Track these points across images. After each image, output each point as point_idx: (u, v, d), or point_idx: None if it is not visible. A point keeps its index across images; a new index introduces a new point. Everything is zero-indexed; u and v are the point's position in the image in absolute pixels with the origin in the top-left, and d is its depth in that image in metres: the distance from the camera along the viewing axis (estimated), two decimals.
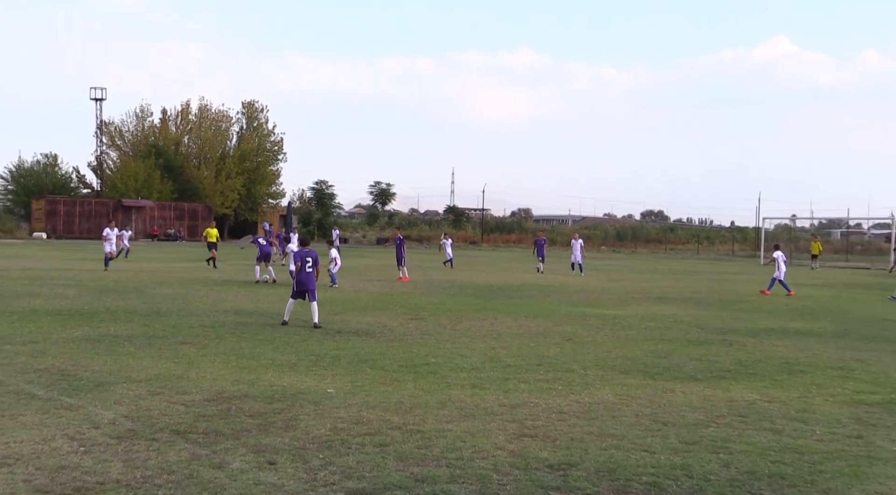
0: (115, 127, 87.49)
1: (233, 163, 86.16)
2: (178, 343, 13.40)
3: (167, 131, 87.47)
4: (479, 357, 12.74)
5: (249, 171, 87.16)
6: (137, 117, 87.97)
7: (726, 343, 15.19)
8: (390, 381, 10.55)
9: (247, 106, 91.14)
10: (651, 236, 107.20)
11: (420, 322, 17.15)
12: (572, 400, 9.70)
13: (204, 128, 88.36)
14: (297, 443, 7.43)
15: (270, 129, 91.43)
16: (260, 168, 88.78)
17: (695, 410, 9.32)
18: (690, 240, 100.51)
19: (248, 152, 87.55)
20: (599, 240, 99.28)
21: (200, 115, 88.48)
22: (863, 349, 14.90)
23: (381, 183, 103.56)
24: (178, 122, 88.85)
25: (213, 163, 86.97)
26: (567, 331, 16.19)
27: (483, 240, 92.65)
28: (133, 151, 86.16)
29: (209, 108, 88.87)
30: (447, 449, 7.38)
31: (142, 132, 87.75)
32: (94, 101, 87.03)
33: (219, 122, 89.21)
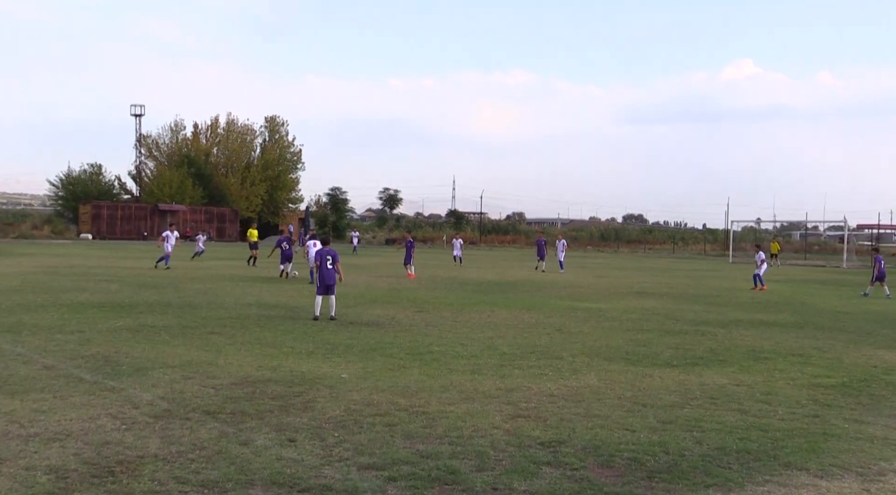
0: (153, 139, 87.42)
1: (256, 171, 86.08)
2: (208, 333, 13.40)
3: (198, 143, 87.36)
4: (478, 346, 12.74)
5: (271, 179, 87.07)
6: (172, 131, 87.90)
7: (699, 333, 15.18)
8: (398, 368, 10.56)
9: (269, 120, 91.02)
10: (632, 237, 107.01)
11: (425, 314, 17.14)
12: (561, 384, 9.71)
13: (231, 141, 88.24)
14: (315, 423, 7.44)
15: (290, 141, 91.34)
16: (281, 176, 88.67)
17: (671, 393, 9.32)
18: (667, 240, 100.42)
19: (270, 162, 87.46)
20: (585, 241, 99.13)
21: (228, 128, 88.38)
22: (819, 338, 14.89)
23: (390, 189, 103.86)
24: (207, 135, 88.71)
25: (239, 171, 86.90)
26: (557, 323, 16.18)
27: (481, 241, 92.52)
28: (168, 161, 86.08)
29: (236, 123, 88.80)
30: (449, 428, 7.38)
31: (176, 144, 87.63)
32: (134, 116, 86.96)
33: (244, 134, 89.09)
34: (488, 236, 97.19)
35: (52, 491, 5.45)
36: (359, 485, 5.70)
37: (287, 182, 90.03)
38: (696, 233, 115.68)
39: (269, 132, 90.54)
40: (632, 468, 6.33)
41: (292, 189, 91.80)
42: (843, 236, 62.40)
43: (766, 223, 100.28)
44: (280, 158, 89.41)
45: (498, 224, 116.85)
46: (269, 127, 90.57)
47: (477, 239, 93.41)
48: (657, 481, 6.01)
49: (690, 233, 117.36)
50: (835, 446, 7.15)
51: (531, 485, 5.83)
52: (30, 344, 11.72)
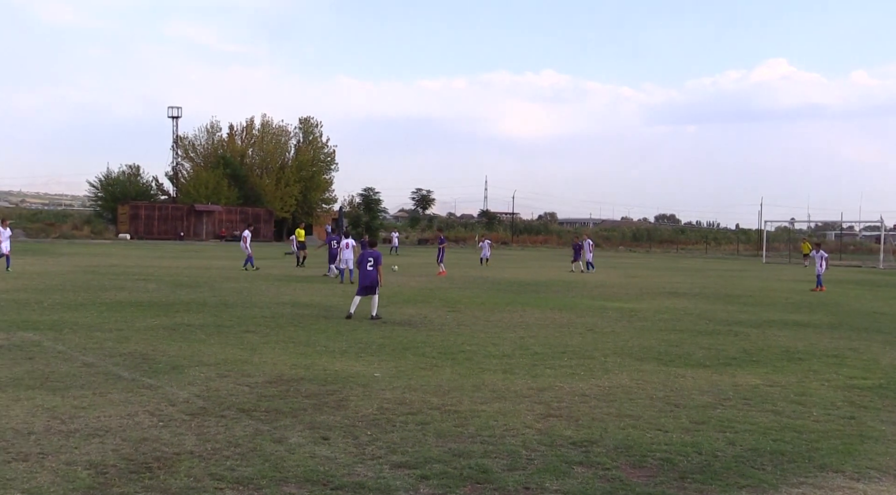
0: (189, 141, 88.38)
1: (291, 172, 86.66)
2: (242, 331, 13.51)
3: (234, 144, 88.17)
4: (510, 345, 12.71)
5: (305, 180, 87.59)
6: (208, 132, 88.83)
7: (732, 333, 15.01)
8: (430, 367, 10.56)
9: (303, 121, 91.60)
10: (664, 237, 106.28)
11: (457, 314, 17.14)
12: (593, 384, 9.65)
13: (266, 142, 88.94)
14: (348, 421, 7.46)
15: (324, 142, 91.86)
16: (314, 176, 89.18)
17: (703, 393, 9.22)
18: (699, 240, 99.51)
19: (304, 163, 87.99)
20: (617, 241, 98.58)
21: (263, 130, 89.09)
22: (855, 339, 14.65)
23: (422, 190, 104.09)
24: (243, 137, 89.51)
25: (274, 172, 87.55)
26: (588, 323, 16.10)
27: (513, 241, 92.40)
28: (204, 162, 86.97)
29: (270, 124, 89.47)
30: (481, 427, 7.37)
31: (212, 145, 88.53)
32: (171, 118, 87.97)
33: (279, 136, 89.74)
34: (520, 236, 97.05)
35: (92, 485, 5.52)
36: (391, 484, 5.71)
37: (321, 182, 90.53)
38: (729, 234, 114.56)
39: (303, 133, 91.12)
40: (664, 468, 6.27)
41: (326, 189, 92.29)
42: (880, 236, 61.37)
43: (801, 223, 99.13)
44: (314, 159, 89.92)
45: (530, 224, 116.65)
46: (303, 128, 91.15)
47: (509, 239, 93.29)
48: (689, 482, 5.95)
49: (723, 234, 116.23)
50: (871, 448, 7.03)
51: (563, 485, 5.80)
52: (70, 341, 11.90)
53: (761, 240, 69.61)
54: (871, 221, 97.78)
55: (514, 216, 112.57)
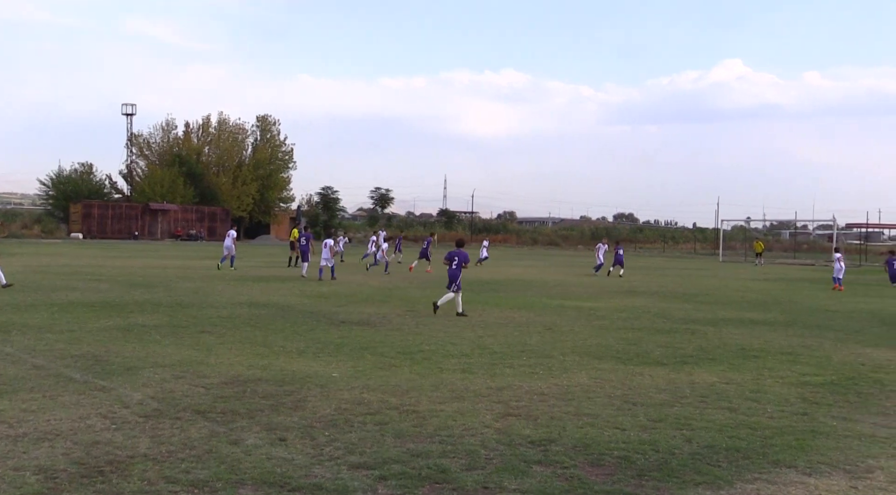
0: (144, 139, 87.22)
1: (248, 170, 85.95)
2: (198, 332, 13.36)
3: (190, 142, 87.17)
4: (469, 344, 12.73)
5: (263, 178, 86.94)
6: (163, 130, 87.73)
7: (689, 331, 15.21)
8: (389, 367, 10.54)
9: (261, 120, 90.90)
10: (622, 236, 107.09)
11: (415, 313, 17.13)
12: (552, 383, 9.71)
13: (222, 140, 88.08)
14: (306, 422, 7.42)
15: (282, 141, 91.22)
16: (272, 175, 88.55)
17: (661, 391, 9.33)
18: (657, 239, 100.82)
19: (261, 161, 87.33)
20: (576, 240, 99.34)
21: (220, 127, 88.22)
22: (808, 336, 14.94)
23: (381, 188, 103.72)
24: (199, 134, 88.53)
25: (231, 170, 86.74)
26: (547, 322, 16.19)
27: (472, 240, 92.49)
28: (159, 160, 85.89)
29: (227, 122, 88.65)
30: (440, 427, 7.37)
31: (167, 143, 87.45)
32: (125, 116, 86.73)
33: (236, 134, 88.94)
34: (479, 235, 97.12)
35: (41, 491, 5.41)
36: (349, 485, 5.68)
37: (278, 181, 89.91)
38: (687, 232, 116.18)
39: (260, 131, 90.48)
40: (622, 466, 6.33)
41: (284, 188, 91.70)
42: (833, 235, 62.66)
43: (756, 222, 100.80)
44: (272, 157, 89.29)
45: (489, 223, 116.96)
46: (260, 126, 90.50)
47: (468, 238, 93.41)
48: (647, 479, 6.02)
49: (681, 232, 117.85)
50: (823, 444, 7.17)
51: (521, 484, 5.82)
52: (19, 343, 11.65)
53: (718, 238, 70.72)
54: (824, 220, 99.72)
55: (473, 215, 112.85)
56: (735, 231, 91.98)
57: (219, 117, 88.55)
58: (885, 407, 8.81)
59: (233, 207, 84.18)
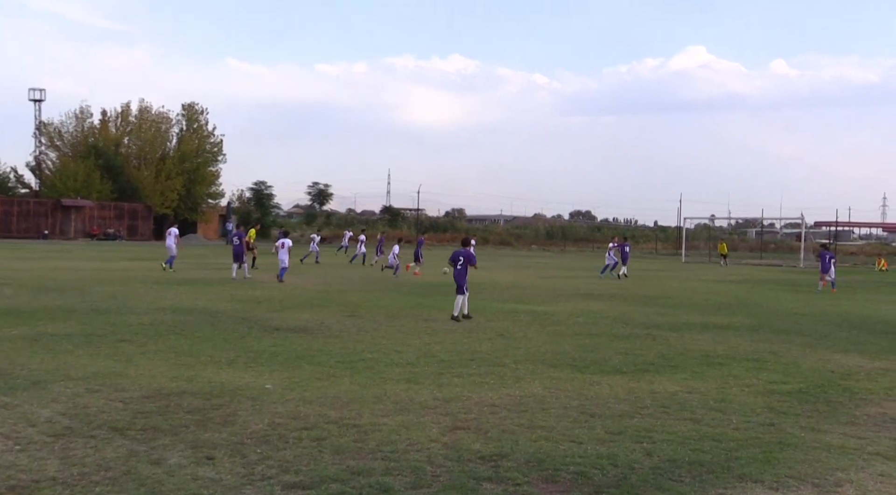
0: (55, 127, 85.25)
1: (173, 163, 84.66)
2: (116, 341, 13.11)
3: (107, 132, 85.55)
4: (414, 352, 12.72)
5: (189, 172, 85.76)
6: (77, 118, 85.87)
7: (650, 337, 15.41)
8: (327, 377, 10.48)
9: (187, 108, 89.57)
10: (579, 235, 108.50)
11: (357, 319, 17.07)
12: (504, 393, 9.74)
13: (144, 130, 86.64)
14: (236, 438, 7.33)
15: (210, 131, 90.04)
16: (199, 169, 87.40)
17: (620, 402, 9.42)
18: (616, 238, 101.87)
19: (187, 153, 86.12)
20: (530, 240, 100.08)
21: (140, 116, 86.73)
22: (775, 341, 15.25)
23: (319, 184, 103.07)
24: (117, 124, 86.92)
25: (153, 163, 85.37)
26: (499, 327, 16.26)
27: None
28: (73, 152, 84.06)
29: (149, 110, 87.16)
30: (382, 442, 7.35)
31: (81, 133, 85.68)
32: (32, 102, 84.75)
33: (159, 123, 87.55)
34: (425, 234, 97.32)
35: None
36: None
37: (206, 175, 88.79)
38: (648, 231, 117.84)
39: (186, 121, 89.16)
40: (578, 483, 6.37)
41: (212, 183, 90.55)
42: (801, 234, 64.12)
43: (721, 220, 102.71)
44: (199, 150, 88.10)
45: (436, 221, 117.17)
46: (186, 115, 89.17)
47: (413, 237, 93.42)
48: None
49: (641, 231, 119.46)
50: (791, 456, 7.32)
51: None
52: None
53: (680, 237, 71.83)
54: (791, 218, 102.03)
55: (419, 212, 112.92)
56: (698, 230, 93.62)
57: (139, 105, 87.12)
58: (855, 417, 9.03)
59: (156, 204, 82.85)
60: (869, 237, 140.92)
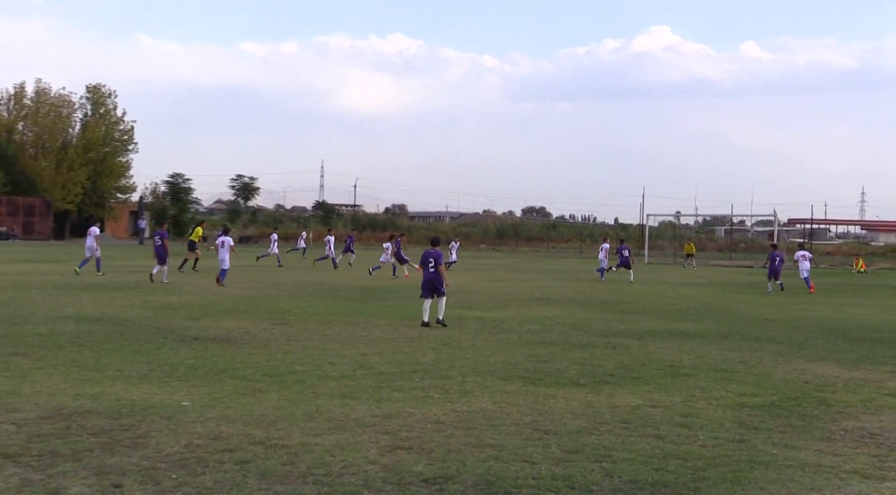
0: None
1: (76, 153, 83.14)
2: (8, 354, 12.85)
3: None
4: (350, 364, 12.69)
5: (95, 163, 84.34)
6: None
7: (610, 346, 15.57)
8: (252, 392, 10.40)
9: (92, 90, 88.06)
10: (532, 234, 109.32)
11: (286, 327, 16.97)
12: (449, 408, 9.76)
13: (42, 114, 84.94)
14: (147, 463, 7.23)
15: (119, 117, 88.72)
16: (107, 159, 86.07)
17: (577, 417, 9.50)
18: (573, 237, 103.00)
19: (93, 141, 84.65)
20: (478, 239, 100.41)
21: (37, 99, 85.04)
22: (746, 350, 15.51)
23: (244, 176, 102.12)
24: (10, 107, 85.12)
25: (53, 153, 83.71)
26: (444, 336, 16.29)
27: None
28: None
29: (48, 92, 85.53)
30: (314, 464, 7.31)
31: None
32: None
33: (59, 107, 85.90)
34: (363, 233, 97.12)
35: None
36: None
37: (115, 167, 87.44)
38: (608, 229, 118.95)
39: (91, 105, 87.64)
40: None
41: (122, 175, 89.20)
42: (773, 232, 65.31)
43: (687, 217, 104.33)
44: (106, 138, 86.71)
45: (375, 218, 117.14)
46: (91, 98, 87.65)
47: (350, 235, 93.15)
48: None
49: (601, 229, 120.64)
50: (762, 475, 7.44)
51: None
52: None
53: (643, 236, 72.61)
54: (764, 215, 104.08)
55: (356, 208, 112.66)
56: (663, 228, 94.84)
57: (36, 86, 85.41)
58: (832, 432, 9.22)
59: (56, 198, 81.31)
60: (846, 236, 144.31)
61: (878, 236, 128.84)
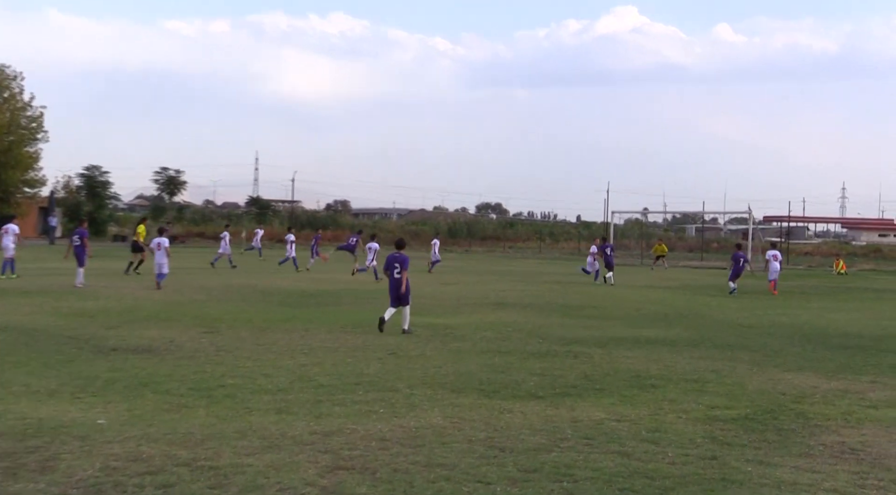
0: None
1: None
2: None
3: None
4: (287, 376, 12.64)
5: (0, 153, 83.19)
6: None
7: (571, 354, 15.65)
8: (178, 408, 10.33)
9: None
10: (488, 232, 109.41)
11: (215, 336, 16.85)
12: (396, 424, 9.75)
13: None
14: (57, 489, 7.15)
15: (26, 102, 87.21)
16: (12, 149, 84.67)
17: (535, 433, 9.54)
18: (532, 236, 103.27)
19: None
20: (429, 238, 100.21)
21: None
22: (718, 358, 15.69)
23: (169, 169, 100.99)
24: None
25: None
26: (391, 344, 16.27)
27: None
28: None
29: None
30: (246, 487, 7.28)
31: None
32: None
33: None
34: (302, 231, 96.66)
35: None
36: None
37: (22, 158, 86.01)
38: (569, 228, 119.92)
39: None
40: None
41: (30, 167, 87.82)
42: (748, 231, 66.03)
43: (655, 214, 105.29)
44: (11, 125, 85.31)
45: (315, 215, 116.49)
46: None
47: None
48: None
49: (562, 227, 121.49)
50: (735, 494, 7.52)
51: None
52: None
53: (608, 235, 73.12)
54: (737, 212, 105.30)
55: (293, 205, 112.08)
56: (629, 226, 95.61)
57: None
58: (810, 447, 9.36)
59: None
60: (826, 234, 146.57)
61: (859, 235, 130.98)
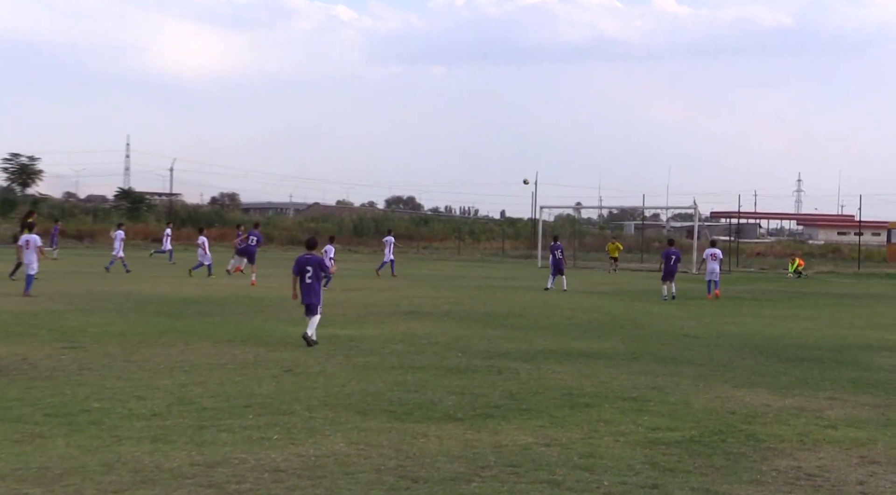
0: None
1: None
2: None
3: None
4: (164, 398, 12.51)
5: None
6: None
7: (494, 370, 15.71)
8: (31, 438, 10.15)
9: None
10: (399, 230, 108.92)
11: (78, 351, 16.60)
12: (292, 453, 9.70)
13: None
14: None
15: None
16: None
17: (453, 460, 9.55)
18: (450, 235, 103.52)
19: None
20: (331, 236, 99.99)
21: None
22: (660, 373, 15.88)
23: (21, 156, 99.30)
24: None
25: None
26: (286, 360, 16.18)
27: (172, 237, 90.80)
28: None
29: None
30: None
31: None
32: None
33: None
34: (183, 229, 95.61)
35: None
36: None
37: None
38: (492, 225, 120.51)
39: None
40: None
41: None
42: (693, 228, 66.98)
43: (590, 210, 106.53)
44: None
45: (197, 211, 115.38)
46: None
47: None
48: None
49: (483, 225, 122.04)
50: None
51: None
52: None
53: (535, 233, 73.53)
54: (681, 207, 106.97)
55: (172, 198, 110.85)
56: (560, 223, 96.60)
57: None
58: (762, 473, 9.52)
59: None
60: (780, 232, 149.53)
61: (816, 233, 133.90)
